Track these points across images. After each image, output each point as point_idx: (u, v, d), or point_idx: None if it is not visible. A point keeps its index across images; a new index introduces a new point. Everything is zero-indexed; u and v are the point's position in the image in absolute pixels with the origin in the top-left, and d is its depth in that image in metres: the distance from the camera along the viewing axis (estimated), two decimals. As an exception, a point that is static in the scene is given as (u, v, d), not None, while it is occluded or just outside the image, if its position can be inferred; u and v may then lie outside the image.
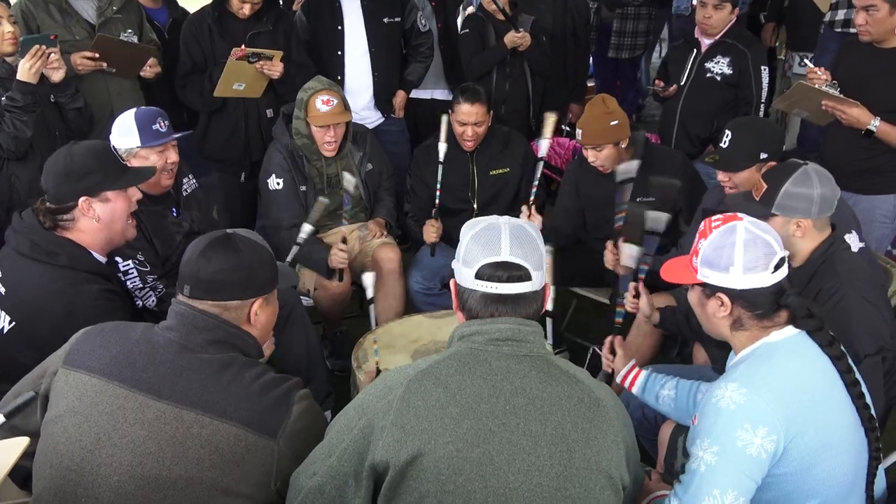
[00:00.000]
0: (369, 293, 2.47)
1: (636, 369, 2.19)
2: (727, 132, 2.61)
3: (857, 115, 2.95)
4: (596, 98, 3.19)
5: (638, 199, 3.18)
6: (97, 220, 2.12)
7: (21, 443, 1.56)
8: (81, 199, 2.09)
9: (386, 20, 3.82)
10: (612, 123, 3.04)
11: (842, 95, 2.98)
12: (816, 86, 3.03)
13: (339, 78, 3.79)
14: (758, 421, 1.55)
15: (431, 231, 3.34)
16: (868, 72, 3.02)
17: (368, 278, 2.44)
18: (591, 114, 3.09)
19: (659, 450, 2.22)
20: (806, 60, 3.05)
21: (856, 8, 2.98)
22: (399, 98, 3.98)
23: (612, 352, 2.30)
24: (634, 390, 2.17)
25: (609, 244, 2.90)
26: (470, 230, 1.50)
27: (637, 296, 2.52)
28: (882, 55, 3.01)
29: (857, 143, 3.01)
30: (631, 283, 2.54)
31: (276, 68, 3.43)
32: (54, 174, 2.10)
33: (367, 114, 3.89)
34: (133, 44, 3.41)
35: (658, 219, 2.49)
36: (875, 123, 2.93)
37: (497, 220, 1.50)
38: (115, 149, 2.25)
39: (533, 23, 4.08)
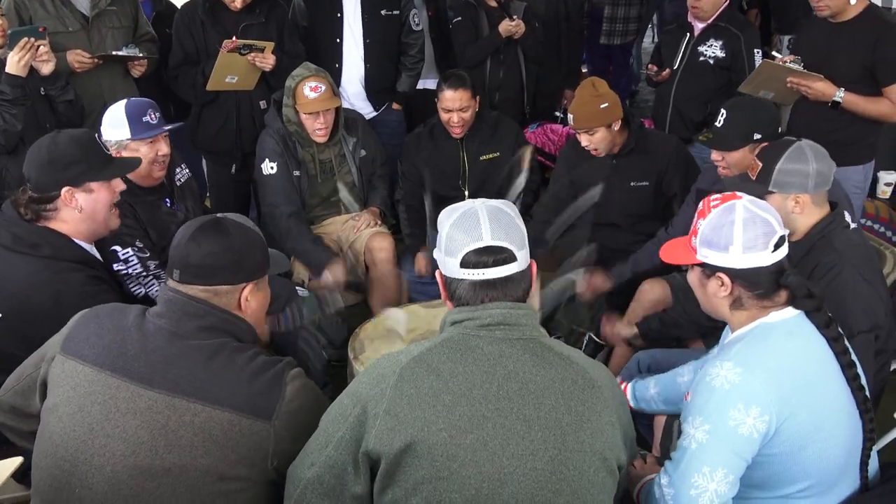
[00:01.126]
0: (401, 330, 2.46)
1: (622, 385, 2.20)
2: (722, 111, 2.62)
3: (822, 88, 3.01)
4: (585, 81, 3.18)
5: (632, 184, 3.20)
6: (79, 211, 2.10)
7: (13, 463, 1.59)
8: (64, 189, 2.07)
9: (383, 13, 3.80)
10: (603, 106, 3.03)
11: (805, 70, 3.03)
12: (779, 62, 3.08)
13: (336, 66, 3.78)
14: (751, 401, 1.55)
15: (422, 265, 3.33)
16: (828, 46, 3.06)
17: (399, 315, 2.44)
18: (581, 97, 3.09)
19: (655, 433, 2.23)
20: (774, 52, 3.11)
21: None
22: (394, 107, 3.99)
23: None
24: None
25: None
26: (448, 219, 1.49)
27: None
28: (840, 28, 3.05)
29: (825, 116, 3.07)
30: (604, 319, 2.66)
31: (268, 60, 3.41)
32: (37, 163, 2.08)
33: (362, 104, 3.88)
34: (135, 56, 3.40)
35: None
36: (840, 94, 3.01)
37: (473, 204, 1.49)
38: (100, 138, 2.23)
39: (525, 9, 4.06)
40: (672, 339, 2.96)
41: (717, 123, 2.62)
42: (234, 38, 3.34)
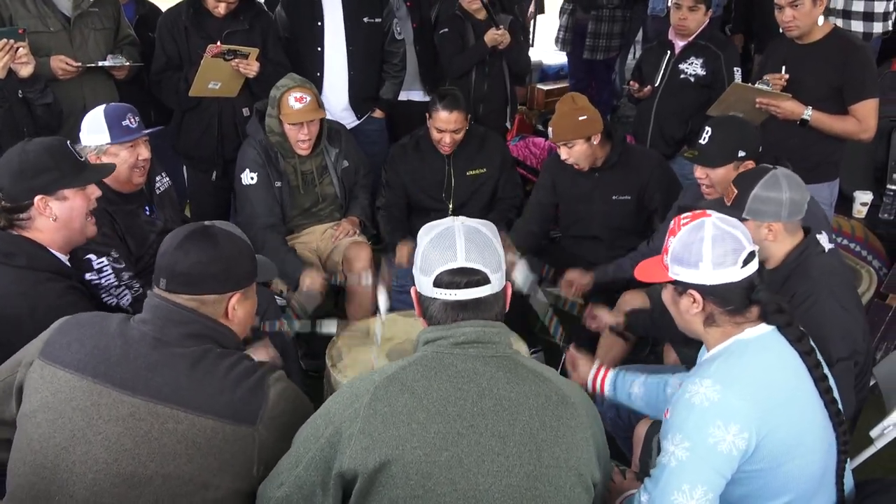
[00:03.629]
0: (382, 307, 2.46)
1: (602, 370, 2.19)
2: (707, 129, 2.64)
3: (791, 107, 3.07)
4: (565, 96, 3.20)
5: (614, 198, 3.22)
6: (54, 219, 2.06)
7: None
8: (37, 198, 2.03)
9: (366, 20, 3.80)
10: (581, 118, 3.05)
11: (774, 90, 3.09)
12: (749, 85, 3.16)
13: (318, 74, 3.76)
14: (730, 418, 1.56)
15: (404, 255, 3.32)
16: (796, 66, 3.12)
17: (382, 296, 2.45)
18: (561, 111, 3.11)
19: (634, 449, 2.23)
20: (766, 77, 3.17)
21: (779, 6, 3.08)
22: (377, 114, 3.98)
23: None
24: (606, 392, 2.17)
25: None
26: (426, 236, 1.49)
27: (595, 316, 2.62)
28: (807, 49, 3.12)
29: (792, 135, 3.12)
30: (586, 312, 2.66)
31: (251, 67, 3.39)
32: (9, 172, 2.03)
33: (345, 114, 3.87)
34: (121, 66, 3.37)
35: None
36: (808, 113, 3.07)
37: (452, 223, 1.49)
38: (78, 143, 2.20)
39: (512, 22, 4.09)
40: (653, 338, 2.98)
41: (701, 140, 2.65)
42: (218, 43, 3.33)
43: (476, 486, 1.35)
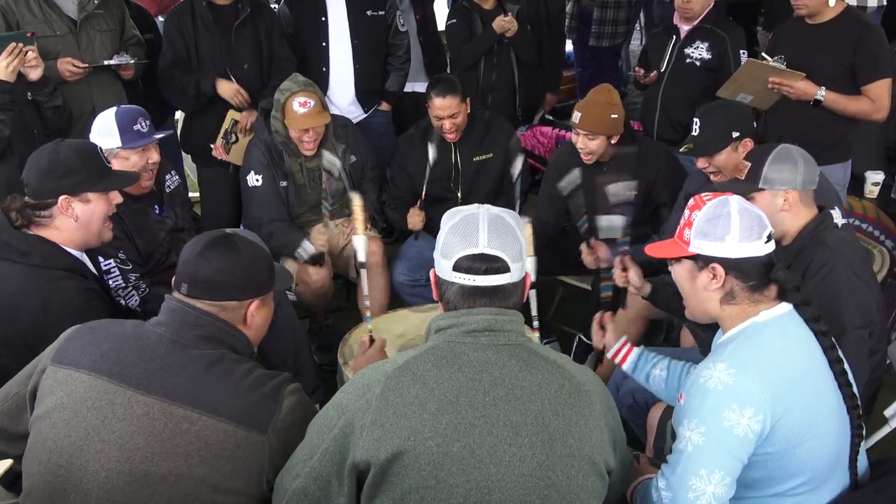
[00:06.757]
0: (360, 256, 2.43)
1: (628, 345, 2.18)
2: (695, 120, 2.65)
3: (804, 87, 3.05)
4: (603, 86, 3.19)
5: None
6: (75, 220, 2.09)
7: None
8: (62, 198, 2.06)
9: (369, 13, 3.80)
10: (613, 116, 3.05)
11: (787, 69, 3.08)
12: (763, 62, 3.13)
13: (324, 69, 3.77)
14: (745, 401, 1.56)
15: (417, 220, 3.34)
16: (807, 47, 3.11)
17: (359, 241, 2.41)
18: (595, 100, 3.09)
19: (648, 434, 2.23)
20: (763, 54, 3.15)
21: None
22: (383, 107, 3.99)
23: (602, 328, 2.26)
24: (625, 367, 2.16)
25: (584, 247, 2.95)
26: (449, 221, 1.49)
27: (625, 269, 2.50)
28: (819, 29, 3.10)
29: (804, 117, 3.11)
30: (616, 256, 2.56)
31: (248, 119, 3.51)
32: (37, 169, 2.07)
33: (352, 108, 3.88)
34: (127, 65, 3.38)
35: (620, 193, 2.59)
36: (821, 93, 3.05)
37: (476, 210, 1.49)
38: (101, 150, 2.22)
39: (518, 11, 4.08)
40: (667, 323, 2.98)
41: (693, 132, 2.66)
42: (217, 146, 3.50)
43: (488, 476, 1.35)
